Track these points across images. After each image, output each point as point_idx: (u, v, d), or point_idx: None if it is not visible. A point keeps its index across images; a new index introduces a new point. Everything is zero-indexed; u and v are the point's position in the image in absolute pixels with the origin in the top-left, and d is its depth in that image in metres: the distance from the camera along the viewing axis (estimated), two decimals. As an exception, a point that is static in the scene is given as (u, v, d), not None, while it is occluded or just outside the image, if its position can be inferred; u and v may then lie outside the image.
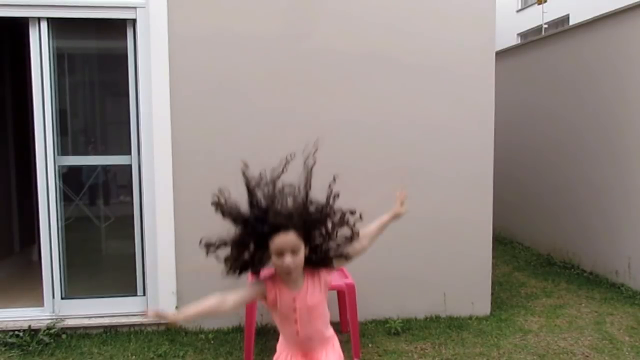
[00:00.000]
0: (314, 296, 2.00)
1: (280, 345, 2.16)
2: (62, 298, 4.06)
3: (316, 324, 2.05)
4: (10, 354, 3.63)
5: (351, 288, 3.51)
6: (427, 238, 4.25)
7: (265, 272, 2.02)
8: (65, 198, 4.15)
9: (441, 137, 4.24)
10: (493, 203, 4.34)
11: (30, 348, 3.68)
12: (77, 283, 4.17)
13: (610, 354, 3.58)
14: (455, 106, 4.23)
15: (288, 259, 1.86)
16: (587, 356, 3.57)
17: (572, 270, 5.54)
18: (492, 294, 4.38)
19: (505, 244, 6.73)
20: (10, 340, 3.76)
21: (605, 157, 5.26)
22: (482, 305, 4.32)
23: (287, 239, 1.86)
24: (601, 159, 5.33)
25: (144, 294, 4.09)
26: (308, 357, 2.08)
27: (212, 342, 3.82)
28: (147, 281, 4.07)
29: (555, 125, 6.08)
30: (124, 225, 4.17)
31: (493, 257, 4.38)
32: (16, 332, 3.82)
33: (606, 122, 5.25)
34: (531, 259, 6.09)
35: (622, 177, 5.04)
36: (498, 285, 4.93)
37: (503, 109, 6.89)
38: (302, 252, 1.89)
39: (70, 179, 4.26)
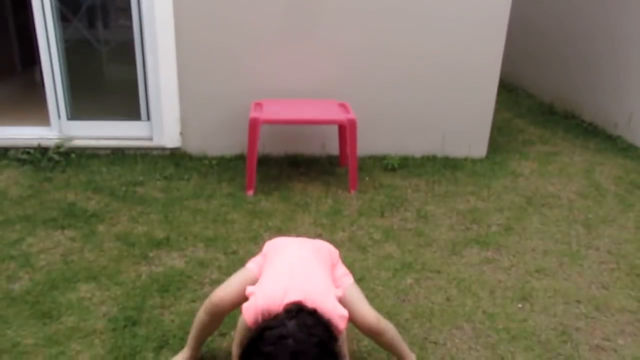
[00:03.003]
0: None
1: None
2: (67, 119, 4.14)
3: None
4: (24, 169, 3.80)
5: (352, 123, 3.56)
6: (431, 78, 4.20)
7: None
8: (63, 18, 4.01)
9: (459, -29, 3.96)
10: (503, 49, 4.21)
11: (42, 165, 3.84)
12: (81, 105, 4.21)
13: (594, 200, 3.76)
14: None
15: None
16: (572, 201, 3.75)
17: (573, 120, 5.57)
18: (490, 138, 4.46)
19: (509, 90, 6.68)
20: (22, 156, 3.91)
21: (619, 8, 4.97)
22: (478, 148, 4.43)
23: None
24: (614, 10, 5.04)
25: (149, 119, 4.16)
26: None
27: (215, 167, 3.98)
28: (151, 107, 4.11)
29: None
30: (125, 50, 4.09)
31: (496, 103, 4.37)
32: (27, 150, 3.97)
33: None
34: (534, 106, 6.10)
35: (634, 30, 4.83)
36: (497, 130, 5.00)
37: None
38: None
39: (66, -3, 4.08)
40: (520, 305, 2.58)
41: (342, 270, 2.02)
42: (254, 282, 1.84)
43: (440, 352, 2.26)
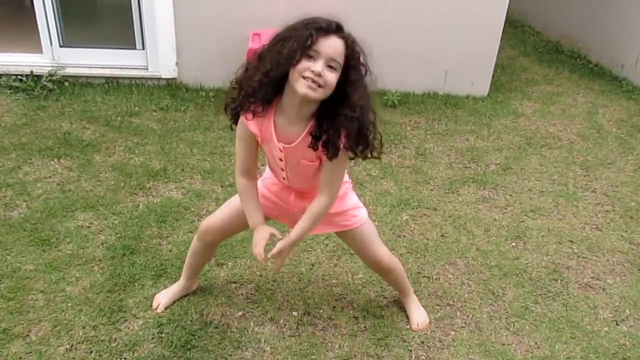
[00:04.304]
0: (310, 158, 1.60)
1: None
2: (60, 46, 4.01)
3: (311, 182, 1.70)
4: (17, 97, 3.73)
5: (353, 57, 3.45)
6: (436, 13, 4.06)
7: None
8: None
9: None
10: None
11: (35, 93, 3.76)
12: (74, 32, 4.07)
13: (594, 142, 3.73)
14: None
15: (320, 65, 1.43)
16: (572, 142, 3.72)
17: (579, 60, 5.45)
18: (493, 76, 4.38)
19: (516, 27, 6.49)
20: (14, 84, 3.82)
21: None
22: (481, 86, 4.35)
23: (335, 43, 1.46)
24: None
25: (143, 48, 4.04)
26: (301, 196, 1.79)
27: (212, 99, 3.91)
28: (146, 35, 3.98)
29: None
30: (119, -26, 3.92)
31: (501, 40, 4.26)
32: (19, 77, 3.87)
33: None
34: (539, 45, 5.95)
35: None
36: (501, 68, 4.90)
37: None
38: (335, 77, 1.47)
39: None
40: (513, 244, 2.61)
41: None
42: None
43: (433, 286, 2.30)
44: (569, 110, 4.25)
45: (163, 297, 2.09)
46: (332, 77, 1.46)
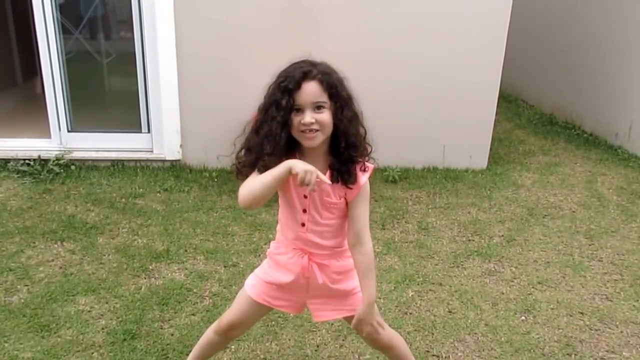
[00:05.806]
0: (332, 195, 1.65)
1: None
2: (68, 131, 4.14)
3: (328, 234, 1.71)
4: (24, 181, 3.79)
5: (353, 135, 3.54)
6: (432, 90, 4.20)
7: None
8: (64, 31, 4.03)
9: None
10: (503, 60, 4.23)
11: (42, 176, 3.83)
12: (82, 117, 4.22)
13: (596, 211, 3.74)
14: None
15: (308, 115, 1.54)
16: (574, 211, 3.73)
17: (573, 130, 5.57)
18: (490, 149, 4.46)
19: (510, 101, 6.68)
20: (22, 168, 3.90)
21: (619, 17, 4.99)
22: (479, 160, 4.41)
23: (309, 88, 1.56)
24: (615, 19, 5.06)
25: (149, 131, 4.16)
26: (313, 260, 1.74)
27: (215, 180, 3.97)
28: (152, 118, 4.11)
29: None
30: (126, 62, 4.10)
31: (496, 114, 4.37)
32: (27, 161, 3.96)
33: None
34: (534, 117, 6.09)
35: (635, 39, 4.84)
36: (498, 141, 4.99)
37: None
38: (327, 114, 1.57)
39: (68, 10, 4.10)
40: (523, 318, 2.56)
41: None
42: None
43: (443, 365, 2.23)
44: (568, 179, 4.29)
45: None
46: (324, 116, 1.55)
